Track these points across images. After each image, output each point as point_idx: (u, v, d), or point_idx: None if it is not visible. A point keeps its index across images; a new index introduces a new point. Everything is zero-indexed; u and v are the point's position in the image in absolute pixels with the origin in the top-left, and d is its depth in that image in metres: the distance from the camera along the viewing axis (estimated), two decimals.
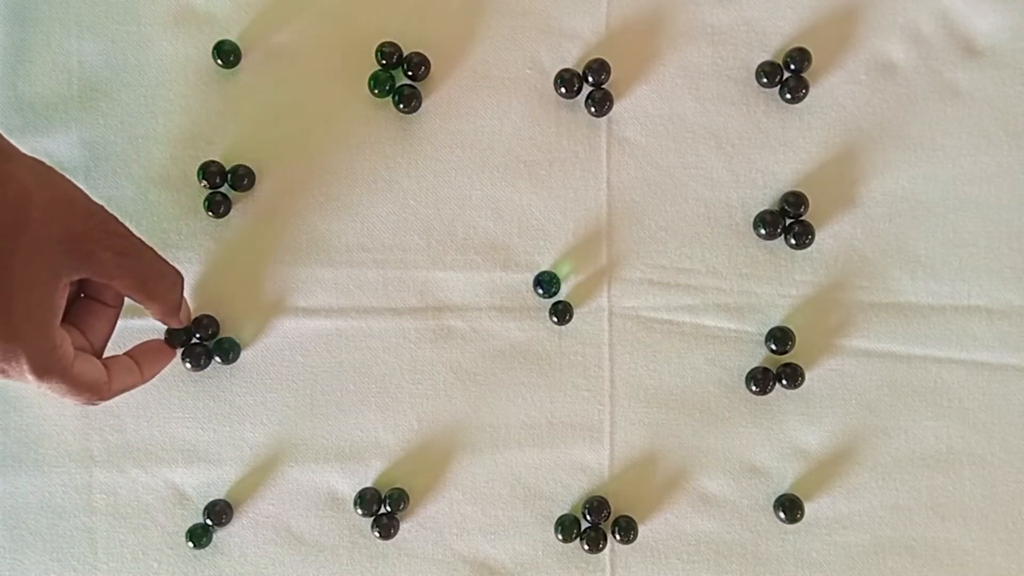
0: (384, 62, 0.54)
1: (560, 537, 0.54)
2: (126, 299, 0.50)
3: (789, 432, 0.55)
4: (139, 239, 0.47)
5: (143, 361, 0.50)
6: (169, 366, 0.54)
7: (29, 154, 0.45)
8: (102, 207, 0.46)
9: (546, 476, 0.55)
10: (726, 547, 0.54)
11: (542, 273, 0.54)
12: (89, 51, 0.55)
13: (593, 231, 0.55)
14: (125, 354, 0.50)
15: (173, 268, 0.49)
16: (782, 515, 0.54)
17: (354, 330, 0.55)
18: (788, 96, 0.55)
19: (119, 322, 0.54)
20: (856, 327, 0.55)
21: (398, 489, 0.54)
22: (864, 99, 0.55)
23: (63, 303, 0.44)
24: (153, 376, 0.51)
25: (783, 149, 0.55)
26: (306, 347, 0.55)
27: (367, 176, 0.55)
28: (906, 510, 0.55)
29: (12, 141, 0.44)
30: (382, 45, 0.54)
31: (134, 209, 0.54)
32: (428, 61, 0.54)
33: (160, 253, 0.54)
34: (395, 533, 0.53)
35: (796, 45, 0.55)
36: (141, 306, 0.49)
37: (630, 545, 0.54)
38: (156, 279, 0.48)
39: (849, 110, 0.55)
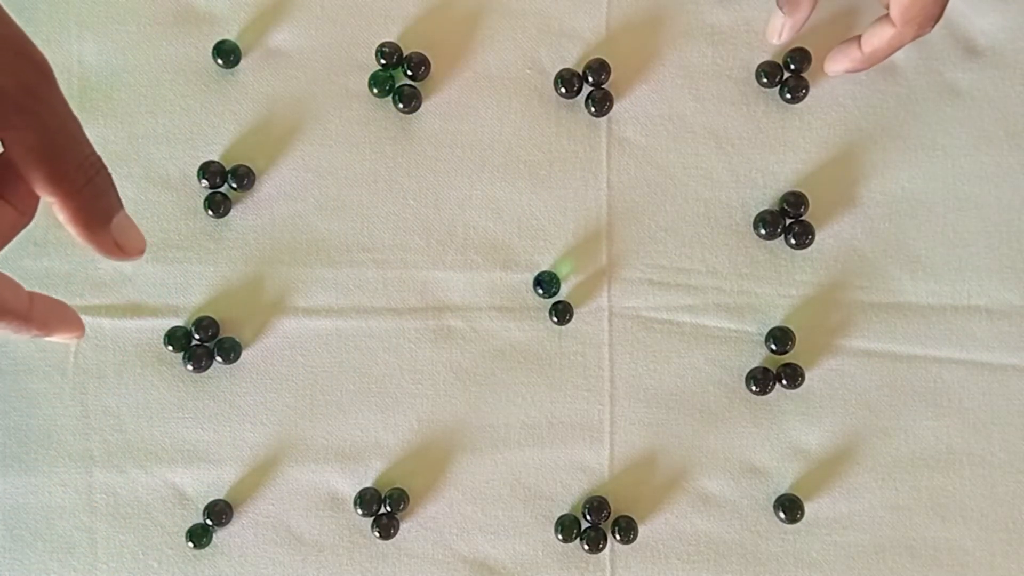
0: (384, 62, 0.54)
1: (560, 537, 0.54)
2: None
3: (789, 432, 0.55)
4: (63, 98, 0.34)
5: (40, 305, 0.37)
6: (170, 367, 0.54)
7: None
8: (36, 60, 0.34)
9: (546, 476, 0.54)
10: (726, 547, 0.54)
11: (542, 273, 0.54)
12: (89, 51, 0.55)
13: (593, 231, 0.55)
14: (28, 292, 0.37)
15: (94, 151, 0.35)
16: (782, 515, 0.54)
17: (354, 330, 0.55)
18: (788, 96, 0.55)
19: (118, 322, 0.54)
20: (856, 327, 0.55)
21: (398, 489, 0.54)
22: (864, 99, 0.55)
23: None
24: (45, 331, 0.37)
25: (783, 149, 0.55)
26: (306, 347, 0.55)
27: (367, 176, 0.55)
28: (906, 510, 0.55)
29: None
30: (382, 45, 0.54)
31: (134, 209, 0.54)
32: (428, 61, 0.54)
33: (159, 252, 0.54)
34: (395, 533, 0.53)
35: (796, 45, 0.55)
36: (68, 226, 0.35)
37: (630, 545, 0.54)
38: (68, 145, 0.34)
39: (849, 110, 0.55)
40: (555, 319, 0.54)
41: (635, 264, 0.55)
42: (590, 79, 0.54)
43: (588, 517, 0.54)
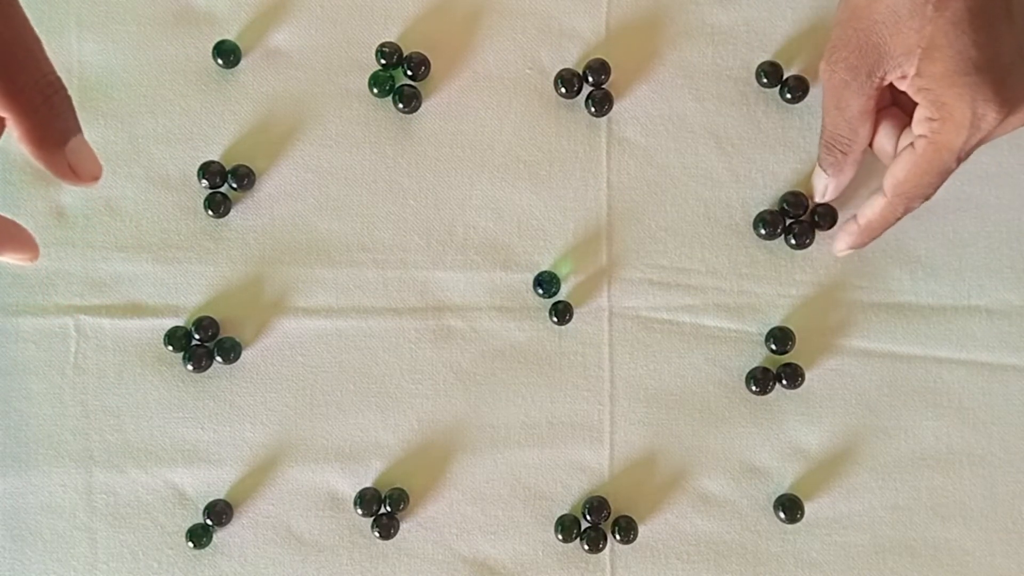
0: (384, 62, 0.54)
1: (560, 537, 0.54)
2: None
3: (789, 432, 0.55)
4: (23, 13, 0.34)
5: None
6: (170, 367, 0.54)
7: None
8: None
9: (546, 476, 0.54)
10: (726, 547, 0.54)
11: (542, 273, 0.54)
12: (89, 51, 0.55)
13: (593, 231, 0.55)
14: None
15: (54, 71, 0.35)
16: (782, 515, 0.54)
17: (354, 330, 0.55)
18: (788, 96, 0.55)
19: (118, 322, 0.54)
20: (856, 327, 0.55)
21: (398, 489, 0.54)
22: None
23: None
24: None
25: (783, 149, 0.55)
26: (306, 347, 0.55)
27: (367, 176, 0.55)
28: (906, 510, 0.55)
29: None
30: (382, 45, 0.54)
31: (134, 209, 0.54)
32: (428, 61, 0.54)
33: (159, 252, 0.54)
34: (395, 533, 0.53)
35: (795, 46, 0.55)
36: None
37: (630, 545, 0.54)
38: (25, 60, 0.34)
39: None
40: (555, 319, 0.54)
41: (635, 264, 0.55)
42: (590, 79, 0.54)
43: (588, 517, 0.54)
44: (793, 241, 0.54)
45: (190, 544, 0.53)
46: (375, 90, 0.54)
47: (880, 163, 0.52)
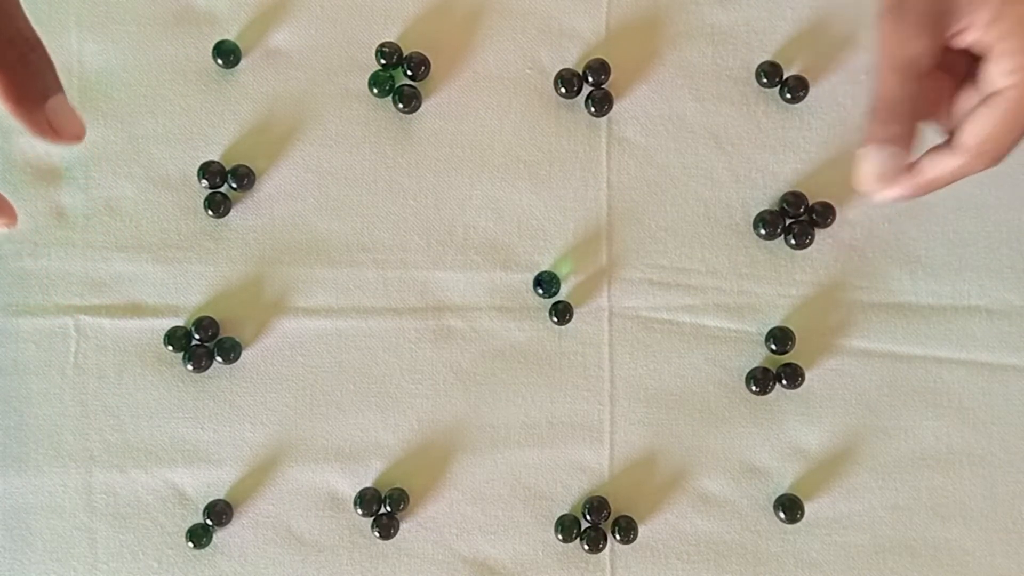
0: (384, 62, 0.54)
1: (560, 537, 0.54)
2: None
3: (789, 432, 0.55)
4: None
5: None
6: (170, 367, 0.54)
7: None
8: None
9: (546, 476, 0.54)
10: (726, 547, 0.54)
11: (542, 273, 0.54)
12: (89, 51, 0.55)
13: (593, 231, 0.55)
14: None
15: (30, 28, 0.36)
16: (782, 515, 0.54)
17: (354, 330, 0.55)
18: (788, 96, 0.55)
19: (118, 322, 0.54)
20: (856, 327, 0.55)
21: (398, 489, 0.54)
22: (864, 99, 0.55)
23: None
24: None
25: (783, 149, 0.55)
26: (306, 347, 0.55)
27: (367, 176, 0.55)
28: (906, 510, 0.55)
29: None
30: (382, 45, 0.54)
31: (134, 209, 0.54)
32: (428, 61, 0.54)
33: (159, 252, 0.54)
34: (395, 533, 0.53)
35: (795, 46, 0.55)
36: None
37: (630, 545, 0.54)
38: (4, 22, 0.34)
39: (849, 110, 0.55)
40: (555, 319, 0.54)
41: (635, 264, 0.55)
42: (590, 79, 0.54)
43: (588, 517, 0.54)
44: (793, 241, 0.54)
45: (190, 544, 0.53)
46: (375, 90, 0.54)
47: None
